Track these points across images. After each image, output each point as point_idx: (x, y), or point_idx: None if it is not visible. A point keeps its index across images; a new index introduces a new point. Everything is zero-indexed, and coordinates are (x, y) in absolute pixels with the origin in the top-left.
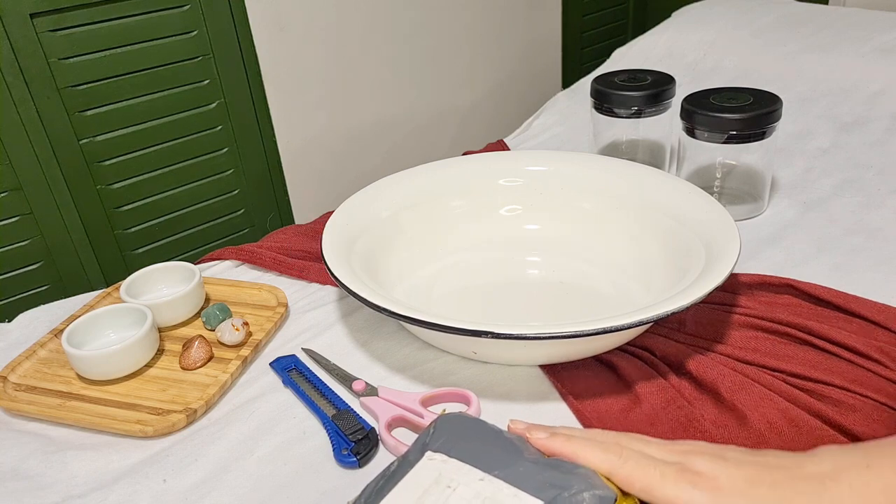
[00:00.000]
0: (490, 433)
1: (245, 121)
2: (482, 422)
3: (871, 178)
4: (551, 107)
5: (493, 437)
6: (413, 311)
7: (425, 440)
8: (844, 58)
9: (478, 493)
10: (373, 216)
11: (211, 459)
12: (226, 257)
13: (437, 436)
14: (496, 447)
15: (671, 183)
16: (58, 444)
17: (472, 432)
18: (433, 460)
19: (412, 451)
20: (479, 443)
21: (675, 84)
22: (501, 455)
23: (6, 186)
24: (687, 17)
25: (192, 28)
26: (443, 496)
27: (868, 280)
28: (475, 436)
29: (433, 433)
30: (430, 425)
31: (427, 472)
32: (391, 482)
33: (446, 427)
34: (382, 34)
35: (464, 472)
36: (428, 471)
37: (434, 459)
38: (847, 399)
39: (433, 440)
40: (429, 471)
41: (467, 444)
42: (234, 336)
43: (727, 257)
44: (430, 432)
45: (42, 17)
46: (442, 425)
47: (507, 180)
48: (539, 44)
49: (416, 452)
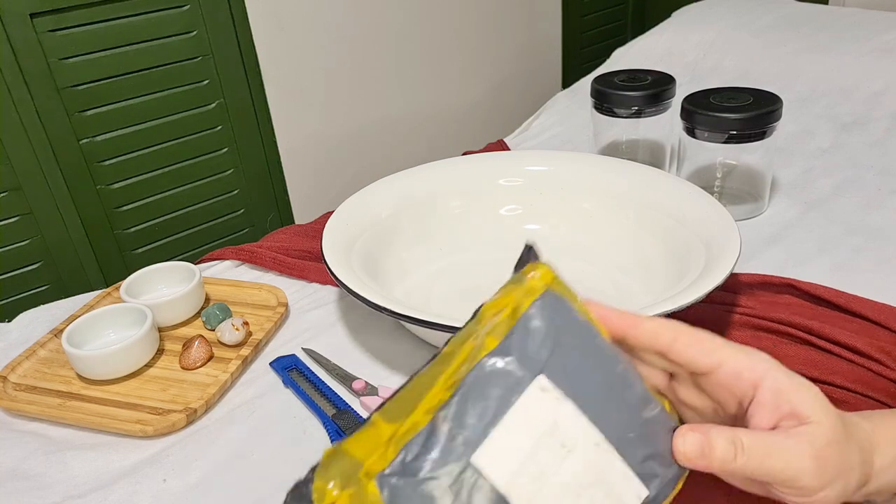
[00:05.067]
0: (606, 359)
1: (245, 121)
2: (596, 334)
3: (871, 178)
4: (551, 107)
5: (609, 366)
6: (413, 311)
7: (528, 344)
8: (844, 58)
9: (591, 464)
10: (373, 216)
11: (211, 459)
12: (226, 257)
13: (548, 346)
14: (614, 391)
15: (671, 183)
16: (58, 444)
17: (586, 351)
18: (546, 395)
19: (513, 356)
20: (597, 377)
21: (676, 84)
22: (619, 407)
23: (6, 186)
24: (687, 17)
25: (192, 28)
26: (557, 457)
27: (869, 280)
28: (591, 360)
29: (543, 337)
30: (531, 306)
31: (539, 413)
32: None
33: (555, 330)
34: (382, 34)
35: (580, 427)
36: (540, 411)
37: (548, 393)
38: (848, 399)
39: (548, 356)
40: (541, 411)
41: (585, 378)
42: (234, 336)
43: (727, 257)
44: (535, 329)
45: (42, 16)
46: (551, 325)
47: (507, 180)
48: (539, 44)
49: (519, 360)
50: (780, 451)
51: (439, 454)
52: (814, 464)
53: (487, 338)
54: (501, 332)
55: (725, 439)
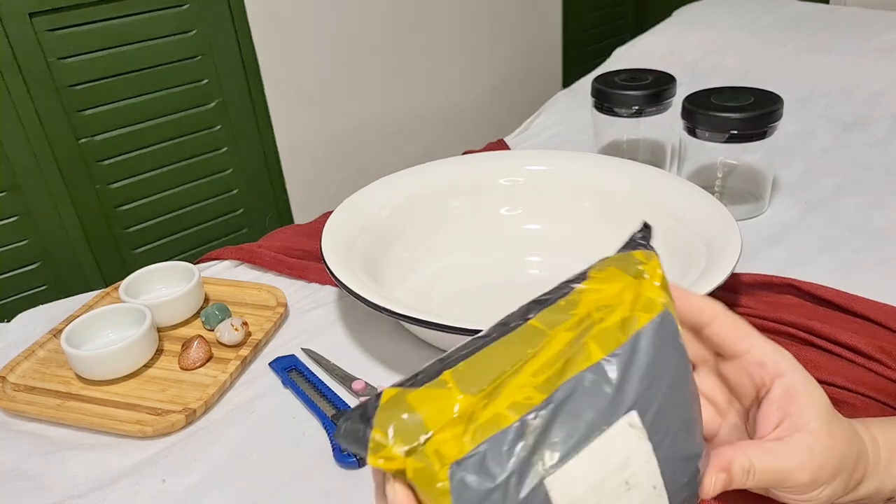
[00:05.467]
0: (686, 399)
1: (244, 120)
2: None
3: (872, 178)
4: (551, 106)
5: (686, 408)
6: (413, 311)
7: (632, 372)
8: (845, 57)
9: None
10: (372, 216)
11: (210, 460)
12: (225, 257)
13: (647, 379)
14: (683, 437)
15: (672, 182)
16: (57, 444)
17: (675, 390)
18: (632, 431)
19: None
20: (676, 421)
21: (676, 83)
22: (682, 455)
23: (4, 186)
24: (687, 17)
25: (191, 27)
26: (617, 493)
27: (870, 280)
28: (676, 400)
29: (646, 369)
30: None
31: (619, 448)
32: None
33: (659, 362)
34: (382, 33)
35: (649, 469)
36: (621, 446)
37: (633, 430)
38: (849, 399)
39: (644, 390)
40: (621, 447)
41: (666, 421)
42: (233, 336)
43: (728, 257)
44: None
45: (41, 16)
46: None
47: (508, 180)
48: (539, 43)
49: (618, 387)
50: (782, 465)
51: (519, 465)
52: (811, 471)
53: (592, 344)
54: (609, 345)
55: (741, 469)
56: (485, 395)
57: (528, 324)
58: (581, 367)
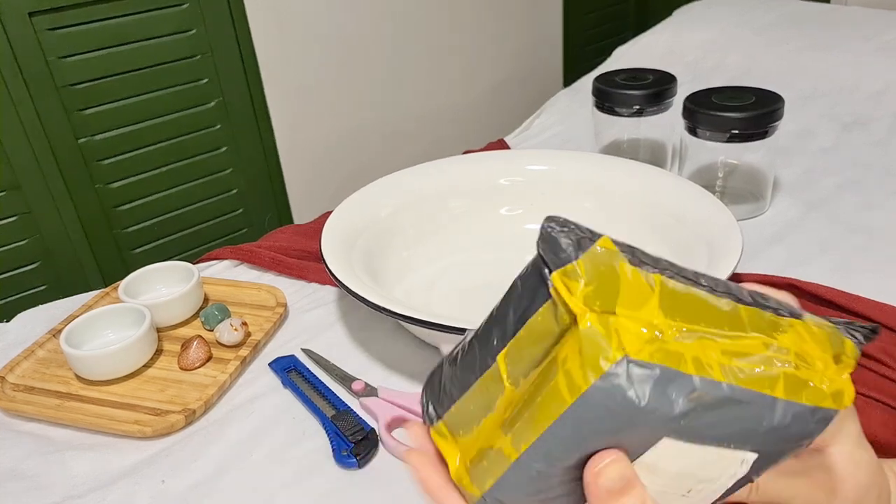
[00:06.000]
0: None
1: (243, 119)
2: None
3: (873, 178)
4: (552, 105)
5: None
6: (412, 311)
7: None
8: (846, 56)
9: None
10: (372, 216)
11: (210, 460)
12: (224, 257)
13: (779, 448)
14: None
15: (673, 182)
16: (56, 444)
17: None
18: (740, 467)
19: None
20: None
21: (677, 83)
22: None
23: (4, 186)
24: (688, 16)
25: (191, 27)
26: (673, 491)
27: (870, 280)
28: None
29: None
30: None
31: (717, 465)
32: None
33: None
34: (382, 31)
35: (708, 496)
36: (719, 465)
37: (741, 466)
38: None
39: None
40: (719, 466)
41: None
42: (232, 336)
43: (729, 257)
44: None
45: (41, 15)
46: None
47: (508, 180)
48: (540, 42)
49: (748, 437)
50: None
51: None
52: (826, 492)
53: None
54: (793, 393)
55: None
56: (678, 328)
57: (745, 306)
58: (773, 391)
